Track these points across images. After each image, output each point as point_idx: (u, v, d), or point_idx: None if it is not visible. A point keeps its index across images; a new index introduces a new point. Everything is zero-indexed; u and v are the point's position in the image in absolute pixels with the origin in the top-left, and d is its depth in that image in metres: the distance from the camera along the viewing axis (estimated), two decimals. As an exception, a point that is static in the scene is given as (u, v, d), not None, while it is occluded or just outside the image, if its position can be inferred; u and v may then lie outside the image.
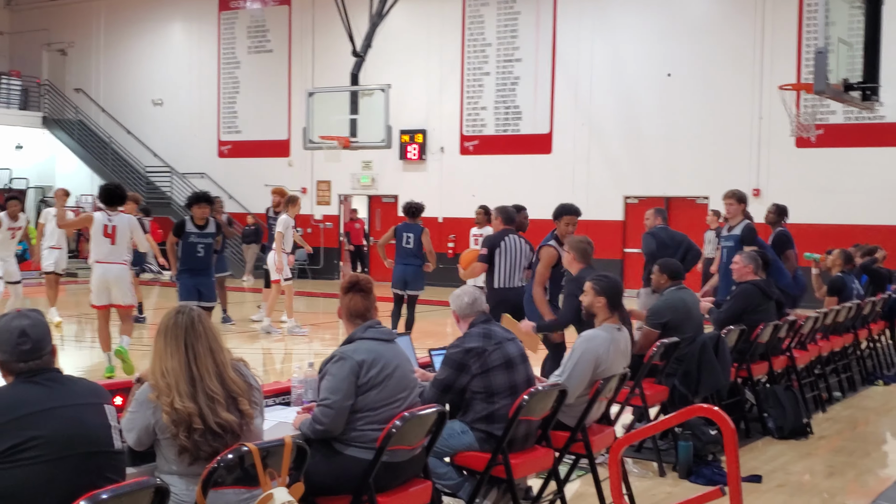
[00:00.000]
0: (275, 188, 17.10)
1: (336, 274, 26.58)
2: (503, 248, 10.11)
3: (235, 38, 29.22)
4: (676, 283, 8.68)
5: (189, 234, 12.51)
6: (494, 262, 10.12)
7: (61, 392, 3.82)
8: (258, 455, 4.16)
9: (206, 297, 12.34)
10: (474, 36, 25.33)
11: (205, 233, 12.43)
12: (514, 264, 10.10)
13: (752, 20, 21.86)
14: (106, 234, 11.14)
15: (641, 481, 7.65)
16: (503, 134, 25.01)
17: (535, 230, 11.83)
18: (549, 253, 9.38)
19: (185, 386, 4.26)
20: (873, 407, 11.07)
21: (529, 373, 6.06)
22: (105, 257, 11.18)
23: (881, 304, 13.25)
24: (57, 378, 3.87)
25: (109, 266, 11.16)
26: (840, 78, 13.45)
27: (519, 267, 10.15)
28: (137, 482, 3.64)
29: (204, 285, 12.36)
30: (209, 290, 12.40)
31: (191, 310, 4.47)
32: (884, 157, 20.56)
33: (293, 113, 27.59)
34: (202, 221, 12.51)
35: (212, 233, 12.50)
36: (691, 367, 8.24)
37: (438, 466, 5.76)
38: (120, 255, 11.22)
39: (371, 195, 27.25)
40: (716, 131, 22.14)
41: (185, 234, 12.51)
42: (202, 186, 28.36)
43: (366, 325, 5.29)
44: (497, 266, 10.11)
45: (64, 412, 3.76)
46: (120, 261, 11.23)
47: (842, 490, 7.61)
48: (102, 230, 11.14)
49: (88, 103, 31.62)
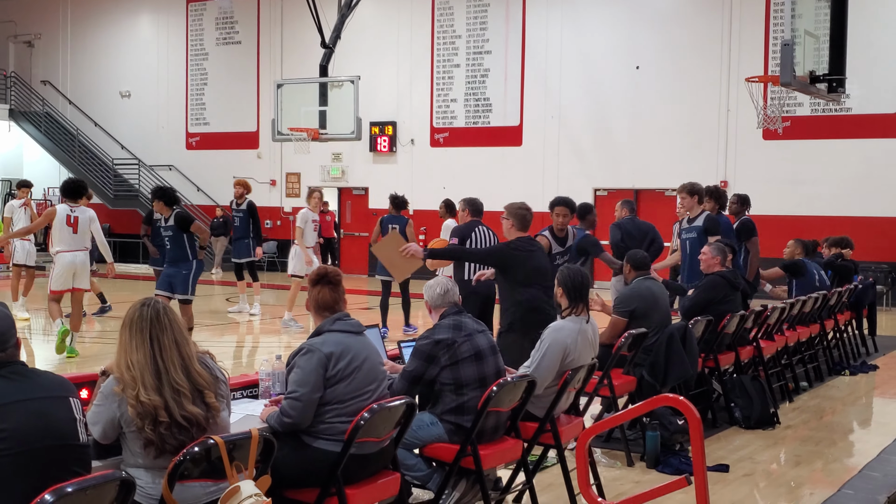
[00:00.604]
0: (238, 180, 17.11)
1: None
2: (473, 239, 10.11)
3: (204, 30, 29.08)
4: (643, 273, 8.75)
5: (158, 228, 12.57)
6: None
7: (26, 385, 3.79)
8: (225, 448, 4.16)
9: (179, 289, 12.15)
10: (444, 28, 25.31)
11: (168, 225, 12.20)
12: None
13: (721, 13, 21.95)
14: (69, 224, 12.41)
15: (609, 471, 7.68)
16: (473, 126, 25.01)
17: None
18: (542, 242, 9.47)
19: (151, 379, 4.24)
20: (840, 397, 11.16)
21: (499, 365, 6.06)
22: (69, 246, 12.39)
23: (848, 294, 13.35)
24: (21, 371, 3.84)
25: (76, 253, 12.42)
26: (806, 70, 13.53)
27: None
28: (103, 475, 3.62)
29: (177, 279, 12.17)
30: (182, 283, 12.18)
31: (156, 302, 4.45)
32: (850, 148, 20.71)
33: (262, 105, 27.51)
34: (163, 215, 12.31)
35: (171, 225, 12.15)
36: (659, 357, 8.28)
37: (407, 458, 5.76)
38: (82, 243, 12.52)
39: (341, 187, 27.19)
40: (684, 123, 22.23)
41: (154, 224, 12.72)
42: (170, 179, 28.28)
43: (334, 317, 5.28)
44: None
45: (29, 405, 3.74)
46: (83, 248, 12.53)
47: (808, 479, 7.67)
48: (66, 220, 12.41)
49: (55, 95, 31.40)
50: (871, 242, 20.05)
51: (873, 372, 12.69)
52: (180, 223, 11.98)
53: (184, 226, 11.99)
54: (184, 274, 12.09)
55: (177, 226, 12.02)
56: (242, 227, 16.71)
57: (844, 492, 7.23)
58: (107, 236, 28.52)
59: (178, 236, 12.02)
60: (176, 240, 12.05)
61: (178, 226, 12.01)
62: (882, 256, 20.15)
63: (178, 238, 12.03)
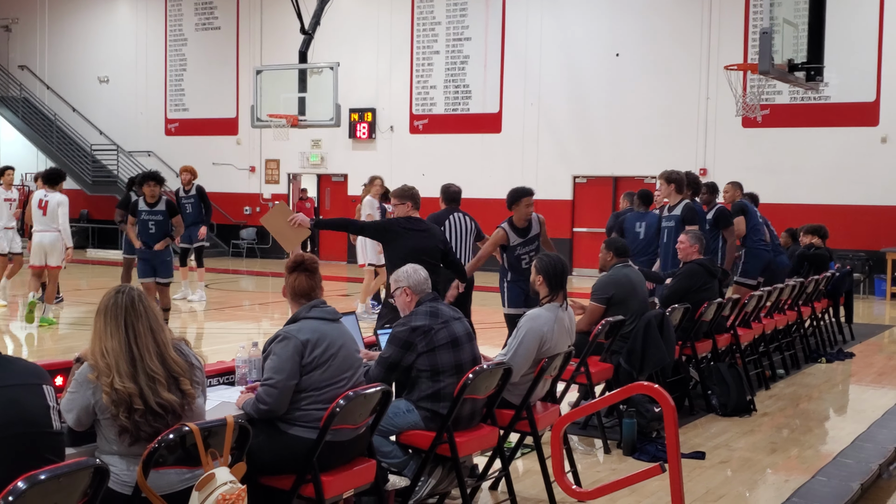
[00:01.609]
0: (185, 167, 17.00)
1: (284, 253, 26.47)
2: (448, 225, 10.08)
3: (183, 15, 28.93)
4: (622, 260, 8.77)
5: (141, 213, 12.90)
6: None
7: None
8: (199, 435, 4.16)
9: (163, 273, 12.85)
10: (424, 14, 25.26)
11: (156, 210, 12.78)
12: (461, 242, 10.08)
13: (700, 1, 21.98)
14: (39, 207, 13.59)
15: (586, 458, 7.71)
16: (453, 113, 24.99)
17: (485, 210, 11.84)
18: (498, 234, 9.62)
19: (126, 366, 4.22)
20: (816, 384, 11.22)
21: (475, 352, 6.07)
22: (39, 226, 13.62)
23: (825, 282, 13.41)
24: None
25: (44, 233, 13.58)
26: (785, 58, 13.58)
27: (465, 244, 10.13)
28: (77, 462, 3.60)
29: (159, 261, 12.79)
30: (165, 267, 12.85)
31: (130, 289, 4.43)
32: (828, 137, 20.80)
33: (241, 91, 27.42)
34: (153, 199, 12.84)
35: (162, 210, 12.81)
36: (636, 345, 8.30)
37: (383, 445, 5.77)
38: (51, 224, 13.51)
39: (320, 174, 27.14)
40: (663, 111, 22.27)
41: (138, 213, 12.94)
42: (149, 164, 28.16)
43: (310, 304, 5.28)
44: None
45: (1, 393, 3.71)
46: (51, 229, 13.53)
47: (784, 466, 7.71)
48: (38, 203, 13.63)
49: (33, 80, 31.20)
50: (848, 230, 20.17)
51: (849, 360, 12.77)
52: (171, 210, 12.87)
53: (172, 212, 12.88)
54: (167, 259, 12.90)
55: (167, 211, 12.83)
56: (195, 212, 16.73)
57: (818, 479, 7.27)
58: (84, 222, 28.71)
59: (167, 221, 12.78)
60: (161, 224, 12.77)
61: (168, 212, 12.84)
62: (859, 244, 20.27)
63: (163, 223, 12.77)
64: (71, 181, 29.34)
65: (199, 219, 16.77)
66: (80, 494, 3.60)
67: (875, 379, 11.70)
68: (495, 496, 6.76)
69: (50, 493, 3.43)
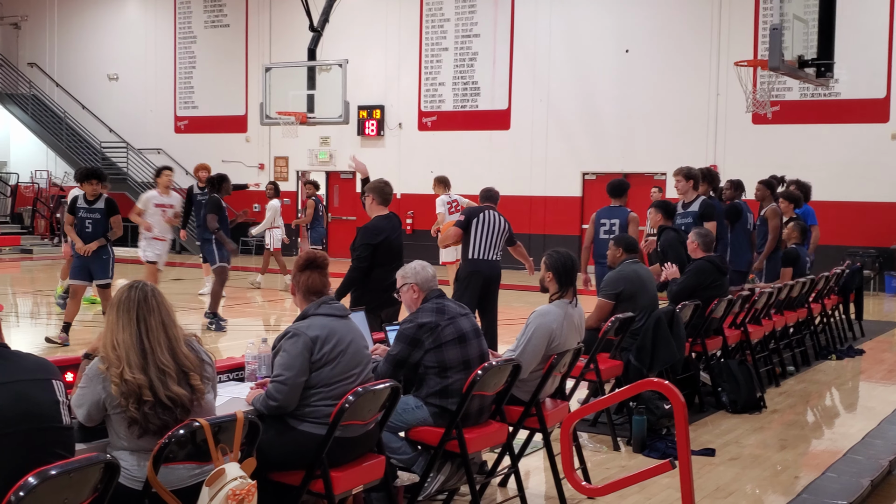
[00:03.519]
0: (203, 164, 16.89)
1: (294, 250, 26.47)
2: (480, 219, 10.26)
3: (192, 13, 28.95)
4: (631, 256, 8.76)
5: (79, 210, 12.29)
6: (470, 233, 10.28)
7: (6, 368, 3.76)
8: (210, 430, 4.16)
9: (99, 274, 12.22)
10: (433, 11, 25.24)
11: (94, 208, 12.17)
12: (491, 238, 10.24)
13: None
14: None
15: (596, 455, 7.70)
16: (461, 110, 24.96)
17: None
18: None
19: (136, 358, 4.24)
20: (826, 381, 11.19)
21: (483, 347, 6.07)
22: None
23: (835, 278, 13.37)
24: (2, 354, 3.82)
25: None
26: (795, 54, 13.55)
27: (495, 242, 10.28)
28: (87, 458, 3.61)
29: (95, 263, 12.16)
30: (102, 268, 12.21)
31: (144, 284, 4.46)
32: (838, 133, 20.74)
33: (250, 88, 27.43)
34: (93, 197, 12.22)
35: (101, 208, 12.18)
36: (646, 341, 8.29)
37: (392, 441, 5.77)
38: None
39: (329, 171, 27.14)
40: (673, 107, 22.21)
41: (76, 210, 12.31)
42: (159, 162, 28.17)
43: (319, 301, 5.28)
44: (473, 237, 10.27)
45: (10, 388, 3.71)
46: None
47: (794, 463, 7.70)
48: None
49: (42, 78, 31.25)
50: (858, 227, 20.13)
51: (860, 356, 12.74)
52: (110, 208, 12.18)
53: (112, 211, 12.16)
54: (105, 259, 12.22)
55: (106, 210, 12.17)
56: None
57: (828, 475, 7.26)
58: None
59: (105, 221, 12.16)
60: (99, 223, 12.14)
61: (107, 210, 12.17)
62: (870, 241, 20.21)
63: (100, 221, 12.15)
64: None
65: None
66: (91, 490, 3.62)
67: (885, 376, 11.67)
68: (504, 493, 6.76)
69: (61, 488, 3.44)
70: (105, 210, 12.13)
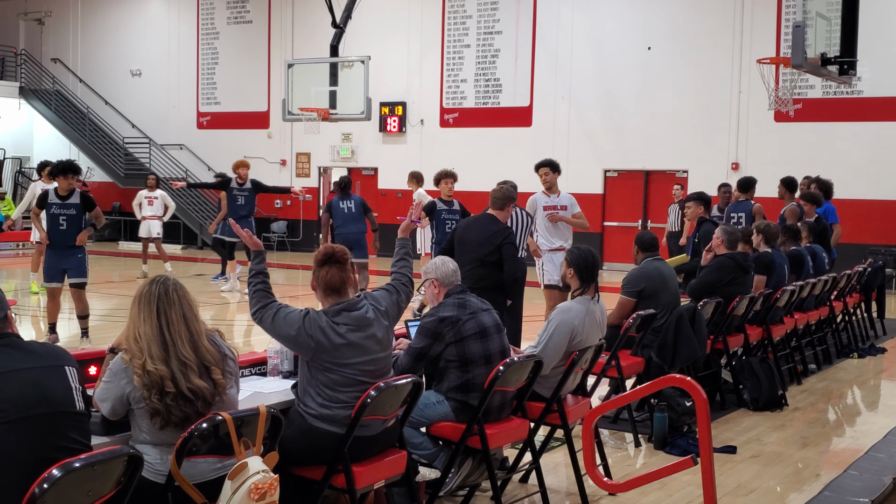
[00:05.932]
0: (242, 161, 17.06)
1: (315, 246, 26.52)
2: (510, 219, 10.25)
3: (215, 9, 29.02)
4: (651, 254, 8.75)
5: (51, 206, 11.49)
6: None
7: (20, 356, 3.81)
8: (232, 424, 4.19)
9: (74, 273, 11.52)
10: (455, 8, 25.22)
11: (68, 203, 11.42)
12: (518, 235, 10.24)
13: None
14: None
15: (617, 452, 7.71)
16: (483, 107, 24.94)
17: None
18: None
19: (158, 350, 4.28)
20: (848, 379, 11.15)
21: (504, 342, 6.07)
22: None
23: (857, 276, 13.32)
24: (14, 343, 3.86)
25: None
26: (818, 52, 13.49)
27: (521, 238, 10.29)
28: (111, 450, 3.63)
29: (70, 262, 11.45)
30: (77, 267, 11.49)
31: (166, 279, 4.49)
32: (861, 131, 20.61)
33: (272, 84, 27.48)
34: (65, 192, 11.48)
35: (76, 203, 11.43)
36: (667, 338, 8.28)
37: (414, 437, 5.79)
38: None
39: (351, 167, 27.17)
40: (695, 105, 22.13)
41: (48, 206, 11.52)
42: (181, 158, 28.33)
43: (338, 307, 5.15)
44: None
45: (23, 374, 3.75)
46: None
47: (815, 461, 7.68)
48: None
49: (66, 73, 31.39)
50: (881, 225, 20.01)
51: (881, 355, 12.69)
52: (86, 203, 11.50)
53: (88, 206, 11.50)
54: (79, 257, 11.52)
55: (82, 205, 11.48)
56: (249, 205, 16.68)
57: (850, 473, 7.25)
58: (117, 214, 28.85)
59: (80, 217, 11.48)
60: (74, 219, 11.45)
61: (83, 205, 11.48)
62: (892, 239, 20.08)
63: (76, 218, 11.46)
64: (103, 174, 29.62)
65: (252, 212, 16.72)
66: (115, 482, 3.64)
67: (908, 374, 11.64)
68: (525, 489, 6.77)
69: (84, 480, 3.47)
70: (80, 206, 11.40)
